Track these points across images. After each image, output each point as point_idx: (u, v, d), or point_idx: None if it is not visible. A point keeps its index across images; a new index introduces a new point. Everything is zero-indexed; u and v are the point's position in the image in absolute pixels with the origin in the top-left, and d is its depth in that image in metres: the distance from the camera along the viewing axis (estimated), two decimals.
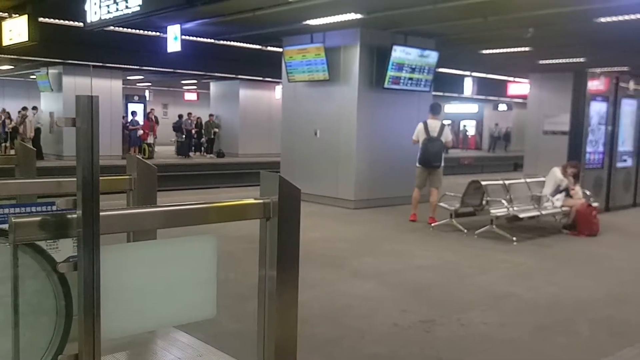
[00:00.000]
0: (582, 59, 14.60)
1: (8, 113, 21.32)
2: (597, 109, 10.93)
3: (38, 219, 1.57)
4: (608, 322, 5.00)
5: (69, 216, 1.58)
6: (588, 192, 9.55)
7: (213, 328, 3.83)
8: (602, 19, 9.64)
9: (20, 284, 1.60)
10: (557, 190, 9.14)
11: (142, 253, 1.86)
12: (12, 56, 14.96)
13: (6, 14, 10.31)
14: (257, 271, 1.97)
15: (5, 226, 1.67)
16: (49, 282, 1.76)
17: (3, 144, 20.17)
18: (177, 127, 23.88)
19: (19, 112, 20.27)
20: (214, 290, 1.97)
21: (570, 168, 9.29)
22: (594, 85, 10.79)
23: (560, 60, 14.79)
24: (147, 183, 2.67)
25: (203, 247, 1.96)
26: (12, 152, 13.64)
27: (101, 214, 1.57)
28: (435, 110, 9.52)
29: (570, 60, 14.60)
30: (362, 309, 5.16)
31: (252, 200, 1.94)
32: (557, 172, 9.21)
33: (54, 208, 2.32)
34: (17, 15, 9.89)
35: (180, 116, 24.60)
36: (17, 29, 9.81)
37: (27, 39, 9.60)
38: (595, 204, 9.30)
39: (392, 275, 6.31)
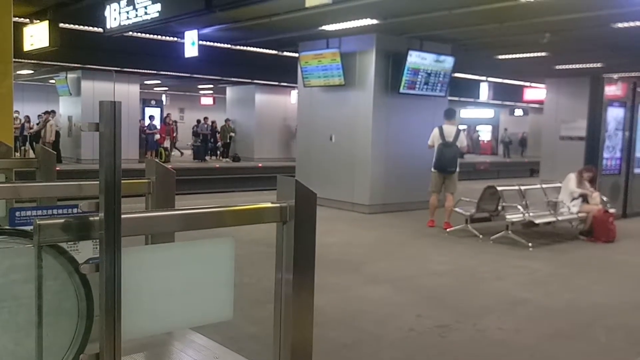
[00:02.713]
0: (599, 64, 14.47)
1: (28, 117, 21.62)
2: (615, 115, 10.84)
3: (61, 221, 1.59)
4: (625, 329, 4.96)
5: (92, 218, 1.60)
6: (605, 198, 9.47)
7: (229, 331, 3.87)
8: (620, 24, 9.57)
9: (43, 284, 1.63)
10: (573, 197, 9.07)
11: (161, 255, 1.88)
12: (33, 61, 15.18)
13: (27, 19, 10.50)
14: (271, 275, 1.99)
15: (29, 228, 1.70)
16: (71, 283, 1.79)
17: (22, 148, 20.44)
18: (197, 133, 24.14)
19: (39, 116, 20.52)
20: (231, 292, 1.98)
21: (586, 172, 9.22)
22: (611, 90, 10.71)
23: (577, 66, 14.67)
24: (166, 187, 2.68)
25: (221, 249, 1.97)
26: (32, 155, 13.78)
27: (122, 216, 1.60)
28: (450, 115, 9.51)
29: (587, 65, 14.48)
30: (377, 313, 5.17)
31: (268, 204, 1.95)
32: (571, 182, 9.09)
33: (75, 210, 2.35)
34: (38, 21, 10.07)
35: (199, 121, 24.78)
36: (38, 35, 9.99)
37: (47, 45, 9.79)
38: (612, 210, 9.22)
39: (407, 280, 6.31)
